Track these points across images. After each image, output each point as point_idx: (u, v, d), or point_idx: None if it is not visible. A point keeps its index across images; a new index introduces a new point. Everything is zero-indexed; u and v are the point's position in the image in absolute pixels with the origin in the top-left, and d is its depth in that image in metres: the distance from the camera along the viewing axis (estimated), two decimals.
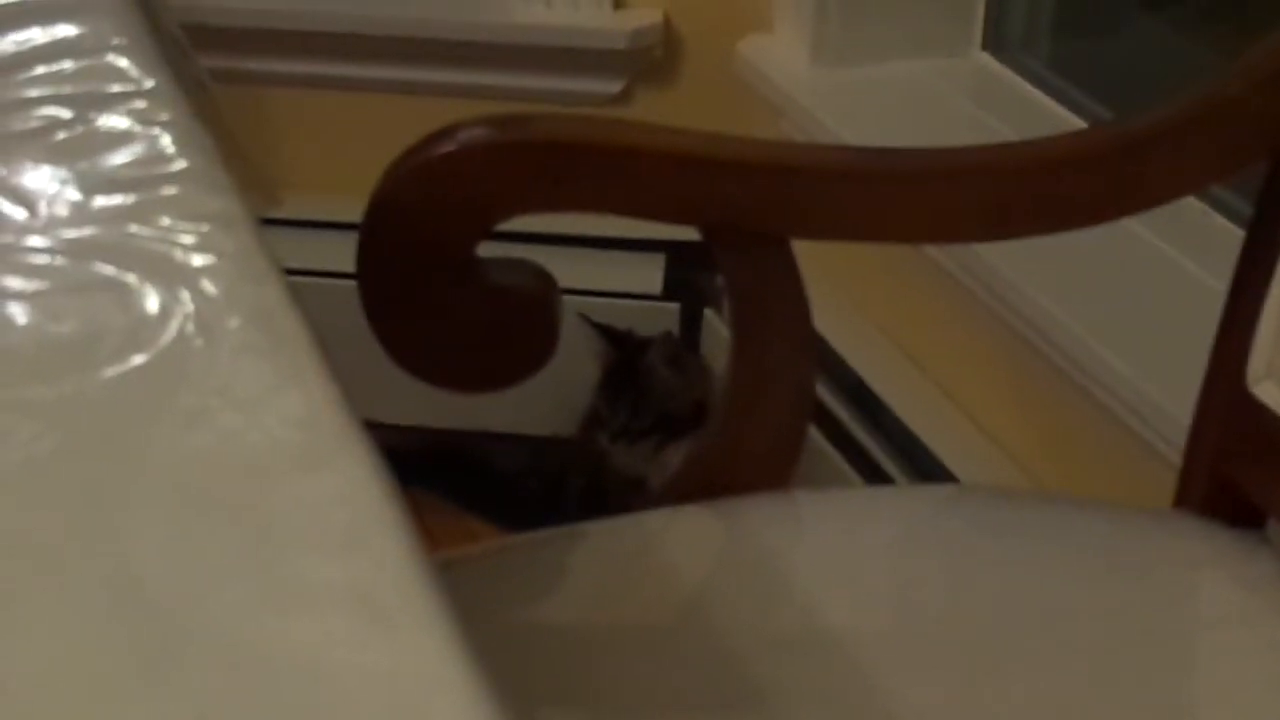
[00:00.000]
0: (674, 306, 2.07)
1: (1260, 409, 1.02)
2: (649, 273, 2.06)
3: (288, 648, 0.51)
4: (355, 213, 0.97)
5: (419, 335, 1.00)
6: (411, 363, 1.00)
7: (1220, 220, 1.49)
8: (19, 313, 0.68)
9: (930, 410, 1.71)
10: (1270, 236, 1.03)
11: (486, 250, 0.99)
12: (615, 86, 2.02)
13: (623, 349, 1.98)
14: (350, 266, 0.98)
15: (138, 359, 0.65)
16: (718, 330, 2.03)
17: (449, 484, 2.03)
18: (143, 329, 0.67)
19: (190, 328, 0.67)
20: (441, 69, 2.01)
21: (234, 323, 0.67)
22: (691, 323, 2.08)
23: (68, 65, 0.86)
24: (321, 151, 2.06)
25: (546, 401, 1.96)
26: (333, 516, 0.57)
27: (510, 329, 1.02)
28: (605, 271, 2.04)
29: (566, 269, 1.05)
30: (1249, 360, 1.02)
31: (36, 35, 0.89)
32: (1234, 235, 1.40)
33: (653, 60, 2.01)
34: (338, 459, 0.59)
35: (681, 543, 1.06)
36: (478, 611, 0.54)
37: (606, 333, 1.97)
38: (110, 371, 0.64)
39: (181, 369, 0.65)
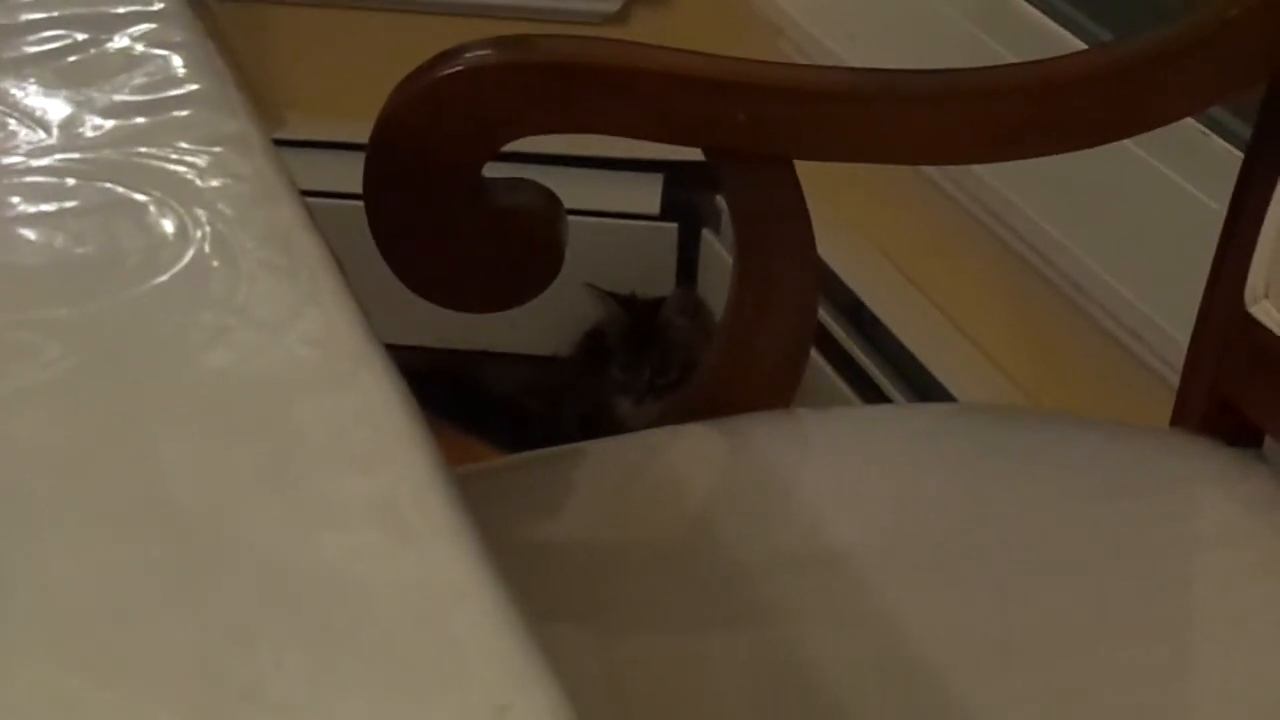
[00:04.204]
0: (672, 227, 2.07)
1: (1258, 328, 1.02)
2: (647, 193, 2.06)
3: (315, 561, 0.52)
4: (354, 132, 0.97)
5: (426, 256, 1.01)
6: (418, 283, 1.01)
7: (1218, 141, 1.50)
8: (39, 234, 0.69)
9: (929, 331, 1.72)
10: (1268, 158, 1.04)
11: (486, 171, 1.00)
12: (613, 5, 2.01)
13: (629, 309, 1.99)
14: (347, 186, 0.98)
15: (158, 279, 0.66)
16: (715, 251, 2.04)
17: (449, 405, 2.04)
18: (162, 250, 0.67)
19: (208, 248, 0.68)
20: None
21: (251, 243, 0.68)
22: (689, 243, 2.09)
23: None
24: (321, 71, 2.06)
25: (545, 322, 1.97)
26: (355, 433, 0.58)
27: (517, 249, 1.03)
28: (603, 192, 2.03)
29: (564, 189, 1.05)
30: (1247, 280, 1.03)
31: None
32: (1232, 156, 1.40)
33: None
34: (358, 377, 0.60)
35: (686, 460, 1.07)
36: (483, 528, 0.55)
37: (611, 297, 1.98)
38: (131, 292, 0.65)
39: (201, 289, 0.66)
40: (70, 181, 0.72)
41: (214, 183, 0.72)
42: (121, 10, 0.85)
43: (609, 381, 2.00)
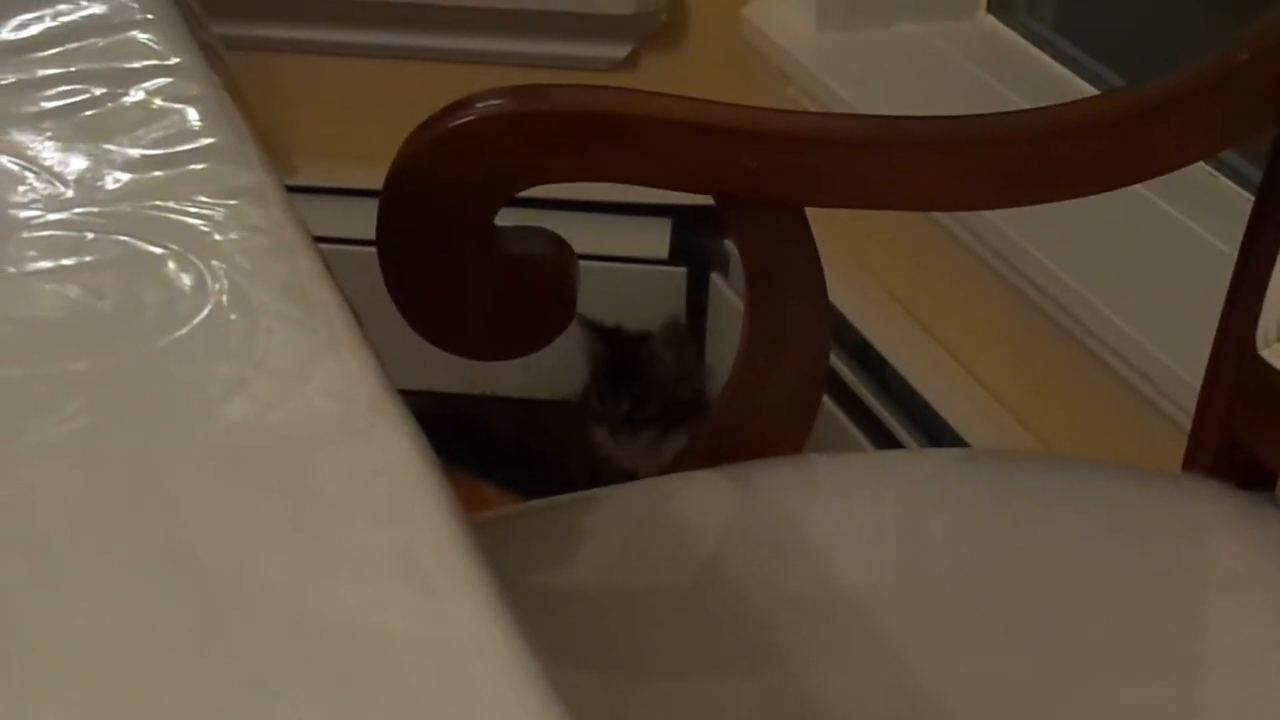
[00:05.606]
0: (680, 271, 2.08)
1: (1270, 371, 1.03)
2: (655, 237, 2.07)
3: (335, 613, 0.52)
4: (365, 178, 0.97)
5: (438, 303, 1.01)
6: (430, 331, 1.01)
7: (1228, 184, 1.50)
8: (58, 288, 0.69)
9: (939, 374, 1.72)
10: (1279, 201, 1.04)
11: (497, 218, 1.00)
12: (621, 51, 2.02)
13: (613, 344, 1.98)
14: (356, 233, 0.98)
15: (176, 333, 0.66)
16: (724, 294, 2.04)
17: (457, 449, 2.04)
18: (180, 303, 0.68)
19: (226, 301, 0.68)
20: (449, 35, 2.02)
21: (269, 296, 0.68)
22: (698, 287, 2.09)
23: (97, 42, 0.87)
24: (332, 118, 2.07)
25: (553, 366, 1.97)
26: (374, 485, 0.58)
27: (529, 297, 1.03)
28: (611, 236, 2.04)
29: (572, 234, 1.05)
30: (1258, 323, 1.03)
31: (66, 11, 0.90)
32: (1242, 199, 1.41)
33: (659, 25, 2.01)
34: (376, 429, 0.60)
35: (698, 506, 1.08)
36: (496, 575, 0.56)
37: (596, 329, 1.97)
38: (150, 345, 0.66)
39: (219, 342, 0.66)
40: (88, 235, 0.73)
41: (231, 235, 0.72)
42: (138, 65, 0.86)
43: (590, 408, 1.99)
